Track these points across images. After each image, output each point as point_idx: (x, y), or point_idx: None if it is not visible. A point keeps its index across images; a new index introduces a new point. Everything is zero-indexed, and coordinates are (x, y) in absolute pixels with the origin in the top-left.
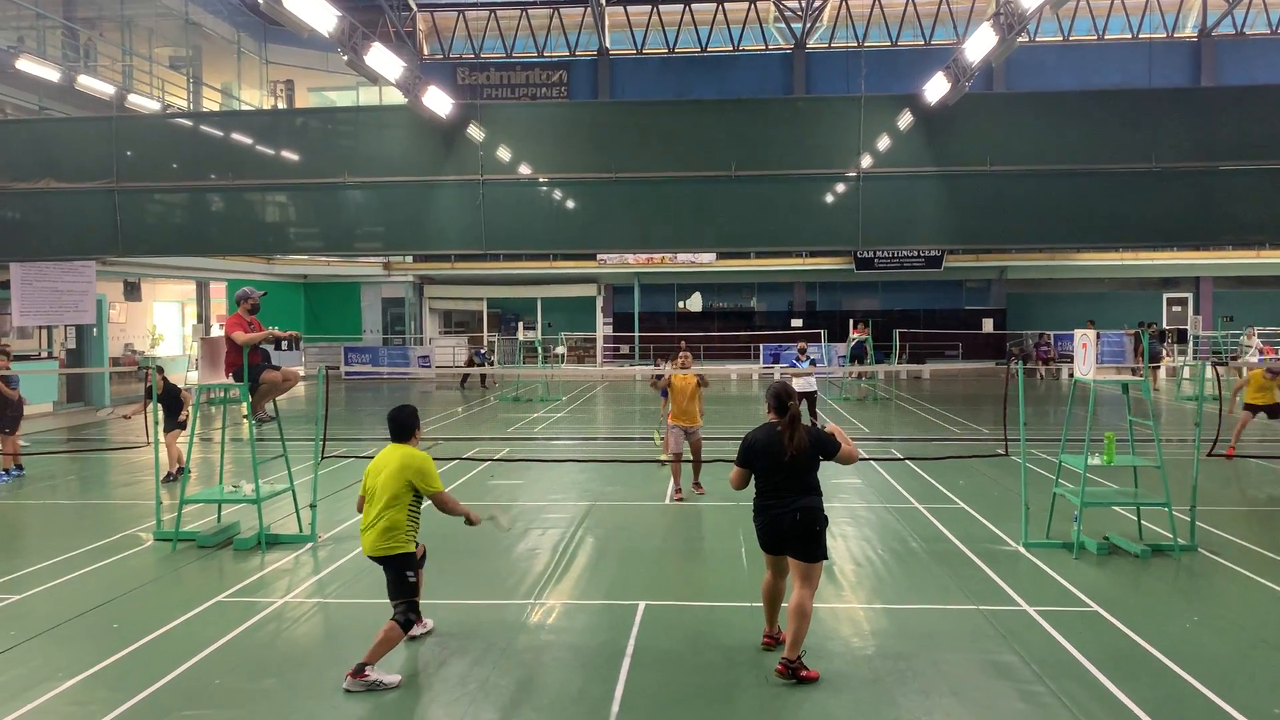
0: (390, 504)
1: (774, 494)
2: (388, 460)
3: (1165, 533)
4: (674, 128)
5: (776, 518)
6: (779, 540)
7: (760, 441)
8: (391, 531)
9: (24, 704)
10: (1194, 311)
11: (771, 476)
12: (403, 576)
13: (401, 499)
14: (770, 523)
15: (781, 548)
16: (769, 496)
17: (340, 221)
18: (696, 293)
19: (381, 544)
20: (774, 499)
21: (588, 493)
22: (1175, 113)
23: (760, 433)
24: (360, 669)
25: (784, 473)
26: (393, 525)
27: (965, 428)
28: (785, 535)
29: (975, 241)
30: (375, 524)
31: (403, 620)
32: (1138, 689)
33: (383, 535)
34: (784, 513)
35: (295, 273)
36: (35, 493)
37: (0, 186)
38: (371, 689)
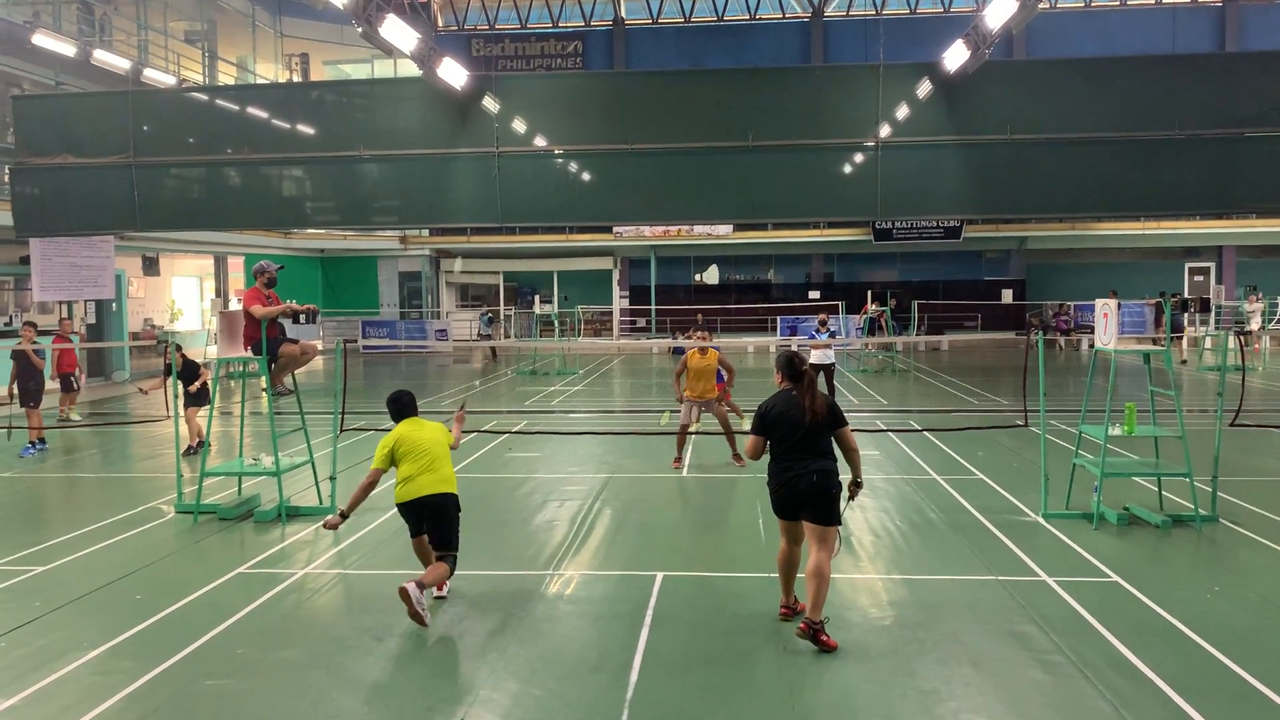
0: (444, 455)
1: (789, 458)
2: (420, 427)
3: (1186, 503)
4: (690, 98)
5: (793, 480)
6: (795, 504)
7: (777, 408)
8: (450, 478)
9: (50, 673)
10: (1216, 281)
11: (787, 442)
12: (456, 523)
13: (449, 454)
14: (787, 486)
15: (797, 512)
16: (785, 460)
17: (356, 195)
18: (713, 265)
19: (447, 485)
20: (790, 463)
21: (605, 465)
22: (1199, 79)
23: (776, 400)
24: (423, 586)
25: (800, 437)
26: (450, 474)
27: (984, 399)
28: (802, 499)
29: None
30: (436, 469)
31: (452, 563)
32: (1158, 659)
33: (445, 479)
34: (800, 475)
35: (312, 247)
36: (58, 466)
37: (19, 162)
38: (418, 604)
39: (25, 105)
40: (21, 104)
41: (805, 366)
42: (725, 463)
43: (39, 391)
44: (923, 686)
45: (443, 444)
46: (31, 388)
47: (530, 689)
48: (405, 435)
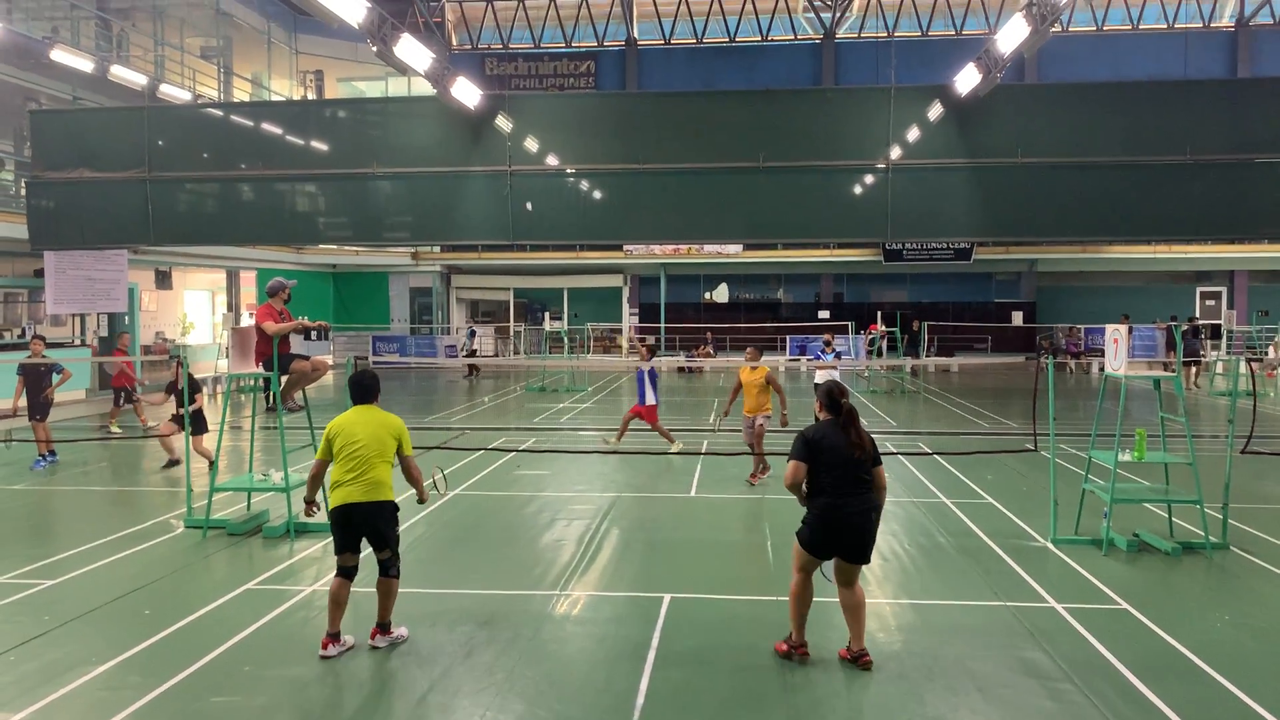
0: (379, 456)
1: (843, 493)
2: (364, 418)
3: (1197, 530)
4: (701, 118)
5: (846, 517)
6: (842, 541)
7: (826, 438)
8: (381, 483)
9: (59, 688)
10: (1228, 306)
11: (834, 474)
12: (393, 528)
13: (387, 453)
14: (841, 522)
15: (836, 549)
16: (832, 495)
17: (369, 212)
18: (723, 284)
19: (375, 493)
20: (839, 498)
21: (613, 484)
22: (1211, 104)
23: (823, 429)
24: (385, 628)
25: (851, 470)
26: (382, 478)
27: (994, 422)
28: (854, 535)
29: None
30: (363, 475)
31: (395, 572)
32: (1168, 689)
33: (374, 485)
34: (854, 512)
35: (324, 262)
36: (68, 479)
37: (35, 175)
38: (395, 644)
39: (42, 120)
40: (39, 119)
41: (845, 399)
42: (743, 480)
43: (46, 407)
44: (930, 713)
45: (383, 441)
46: (40, 401)
47: (536, 710)
48: (344, 427)
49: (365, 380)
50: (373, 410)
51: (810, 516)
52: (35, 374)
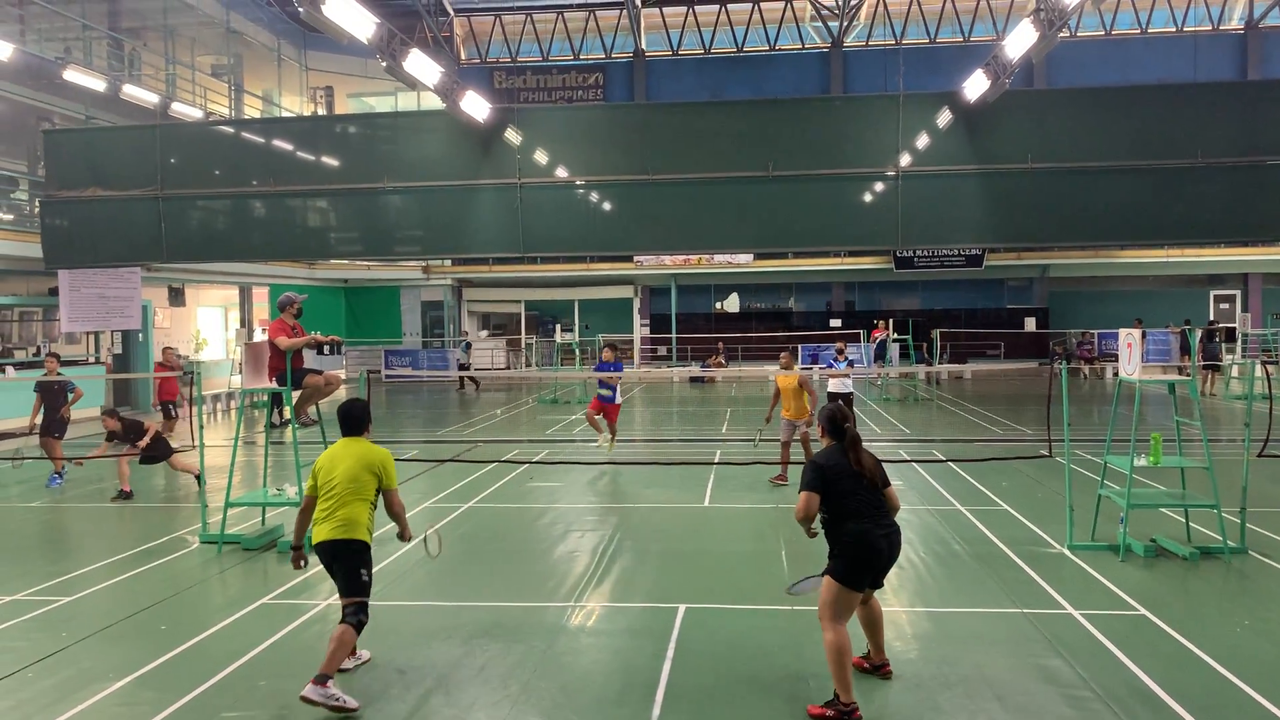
0: (355, 494)
1: (867, 518)
2: (346, 452)
3: (1214, 535)
4: (710, 129)
5: (878, 540)
6: (874, 566)
7: (836, 465)
8: (353, 522)
9: (76, 704)
10: (1242, 309)
11: (851, 501)
12: (358, 570)
13: (365, 491)
14: (874, 546)
15: (870, 577)
16: (863, 520)
17: (380, 226)
18: (734, 293)
19: (341, 531)
20: (870, 523)
21: (627, 495)
22: (1221, 107)
23: (832, 456)
24: (324, 679)
25: (867, 495)
26: (354, 517)
27: (1008, 428)
28: (885, 559)
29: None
30: (334, 512)
31: (355, 621)
32: (1188, 694)
33: (344, 524)
34: (884, 535)
35: (336, 277)
36: (83, 496)
37: (48, 195)
38: (330, 699)
39: (56, 139)
40: (52, 138)
41: (848, 424)
42: (756, 489)
43: (64, 424)
44: None
45: (359, 479)
46: (56, 419)
47: None
48: (325, 464)
49: (354, 411)
50: (358, 444)
51: (842, 548)
52: (52, 392)
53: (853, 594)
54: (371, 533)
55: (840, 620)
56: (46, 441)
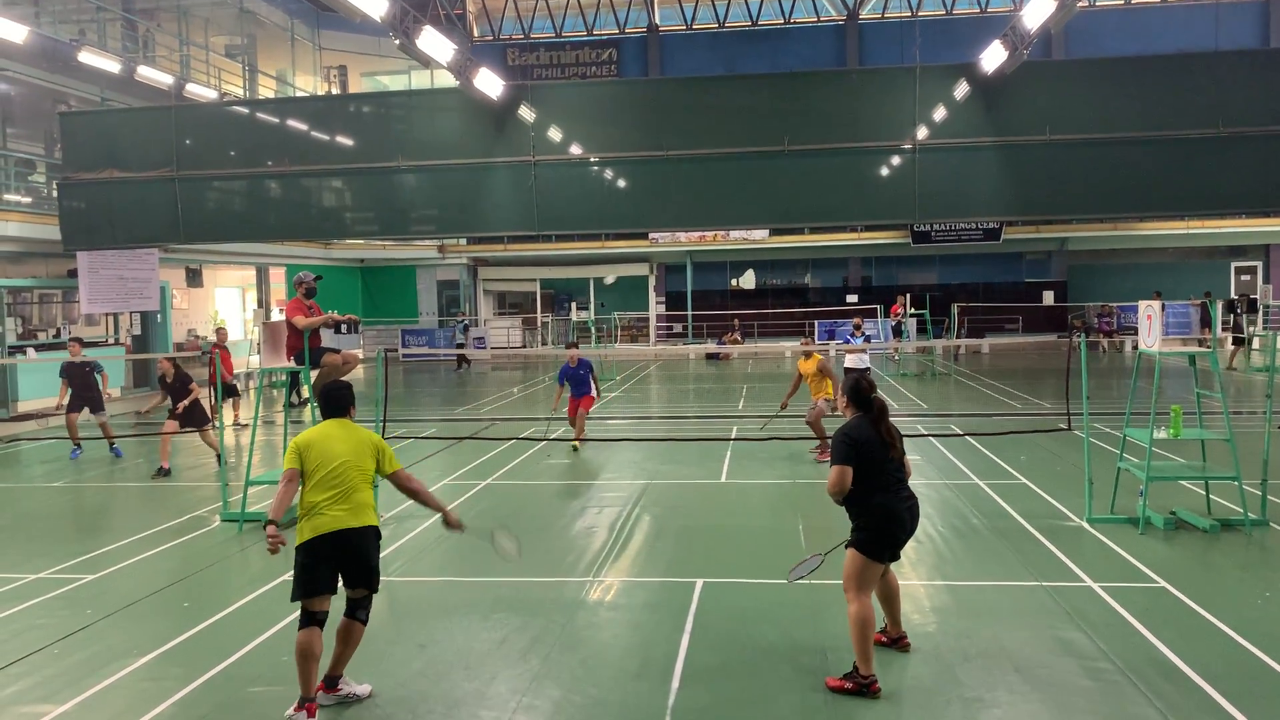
0: (362, 477)
1: (885, 492)
2: (341, 434)
3: (1235, 507)
4: (725, 103)
5: (903, 513)
6: (899, 538)
7: (867, 437)
8: (367, 506)
9: (102, 680)
10: (1264, 280)
11: (878, 473)
12: (377, 557)
13: (369, 474)
14: (899, 519)
15: (894, 549)
16: (880, 494)
17: (395, 205)
18: (750, 270)
19: (366, 517)
20: (889, 496)
21: (644, 471)
22: (1242, 75)
23: (861, 428)
24: (333, 683)
25: (891, 467)
26: (367, 500)
27: (1026, 402)
28: (907, 531)
29: (1035, 213)
30: (347, 497)
31: (365, 617)
32: (1207, 665)
33: (363, 508)
34: (907, 508)
35: (352, 257)
36: (106, 475)
37: (65, 177)
38: (344, 701)
39: (72, 121)
40: (68, 120)
41: (874, 392)
42: (773, 465)
43: (99, 399)
44: (966, 694)
45: (363, 462)
46: (90, 396)
47: (572, 696)
48: (317, 442)
49: (334, 391)
50: (349, 425)
51: (869, 520)
52: (80, 372)
53: (877, 566)
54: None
55: (865, 592)
56: (70, 419)
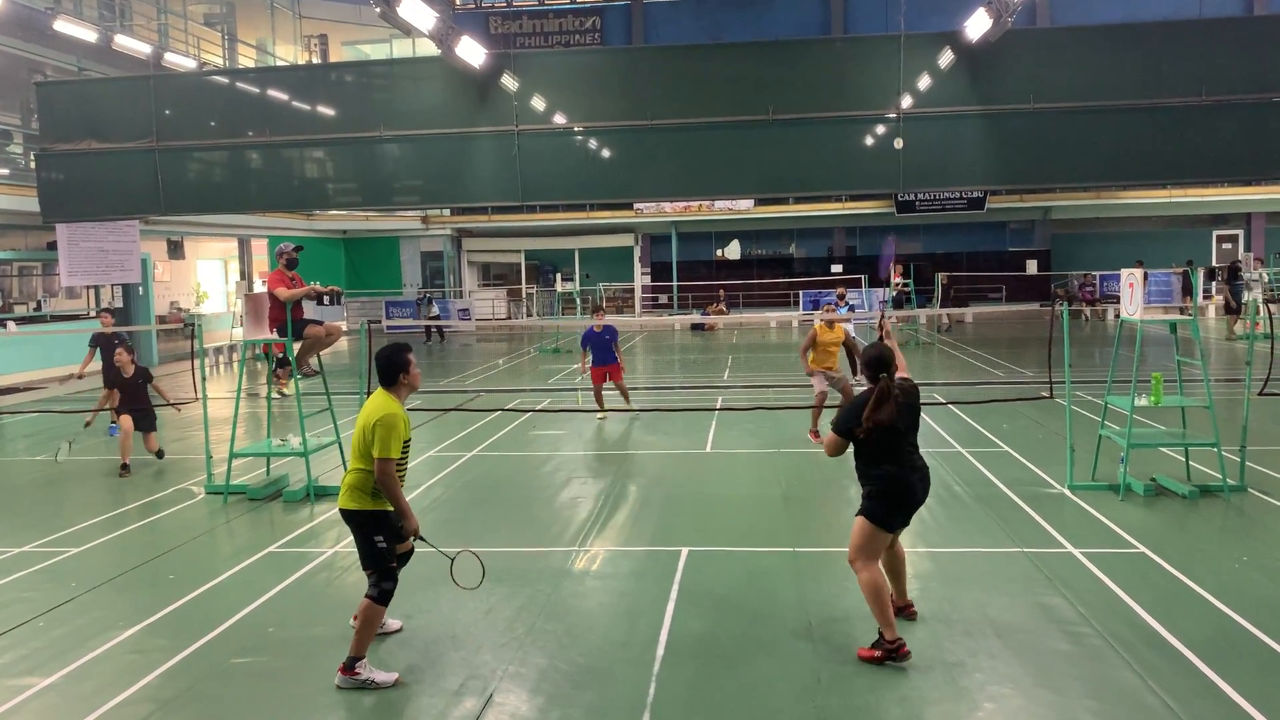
0: (358, 459)
1: (900, 460)
2: (363, 410)
3: (1214, 473)
4: (709, 72)
5: (911, 484)
6: (904, 508)
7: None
8: (357, 489)
9: (88, 652)
10: (1245, 248)
11: (894, 447)
12: (367, 540)
13: (366, 455)
14: (906, 488)
15: (901, 519)
16: (896, 463)
17: (378, 176)
18: (735, 240)
19: (347, 498)
20: (904, 468)
21: (629, 442)
22: (1226, 44)
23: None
24: (351, 664)
25: (902, 440)
26: (355, 482)
27: (1009, 371)
28: (915, 500)
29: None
30: (345, 477)
31: (376, 593)
32: (1185, 629)
33: (348, 491)
34: (921, 478)
35: (335, 228)
36: (88, 449)
37: (43, 148)
38: (362, 687)
39: (49, 91)
40: (45, 90)
41: (884, 373)
42: (758, 435)
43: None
44: (948, 659)
45: (357, 434)
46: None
47: (558, 663)
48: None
49: (381, 355)
50: (373, 399)
51: (877, 488)
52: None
53: (885, 535)
54: (378, 500)
55: (872, 560)
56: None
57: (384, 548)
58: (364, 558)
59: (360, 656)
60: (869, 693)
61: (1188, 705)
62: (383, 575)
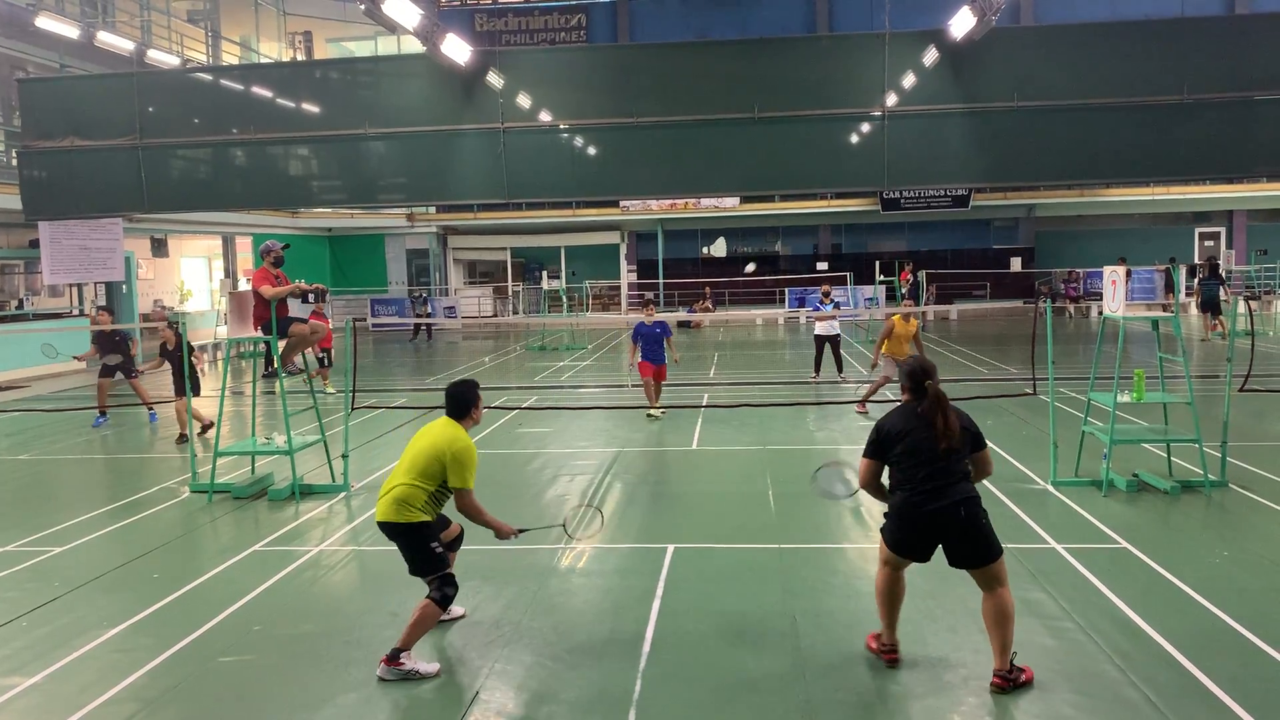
0: (416, 476)
1: (920, 488)
2: (431, 433)
3: (1195, 469)
4: (695, 70)
5: (932, 516)
6: (931, 543)
7: (896, 428)
8: (405, 502)
9: (71, 651)
10: (1227, 246)
11: (916, 470)
12: (422, 550)
13: (430, 476)
14: (923, 520)
15: (921, 551)
16: (913, 491)
17: (362, 173)
18: (720, 238)
19: (393, 511)
20: (922, 496)
21: (615, 439)
22: (1208, 42)
23: (896, 419)
24: (395, 655)
25: (934, 463)
26: (408, 497)
27: (993, 368)
28: (946, 537)
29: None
30: (391, 490)
31: (439, 596)
32: (1166, 623)
33: (395, 504)
34: (941, 509)
35: (319, 226)
36: (73, 448)
37: (25, 145)
38: (406, 678)
39: (31, 88)
40: (27, 87)
41: (930, 380)
42: (744, 432)
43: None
44: (932, 654)
45: (426, 464)
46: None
47: (544, 660)
48: (418, 433)
49: (457, 391)
50: (447, 426)
51: (891, 511)
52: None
53: (898, 557)
54: (429, 509)
55: (887, 564)
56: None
57: (440, 552)
58: (418, 566)
59: (406, 649)
60: (854, 687)
61: (1168, 699)
62: (444, 580)
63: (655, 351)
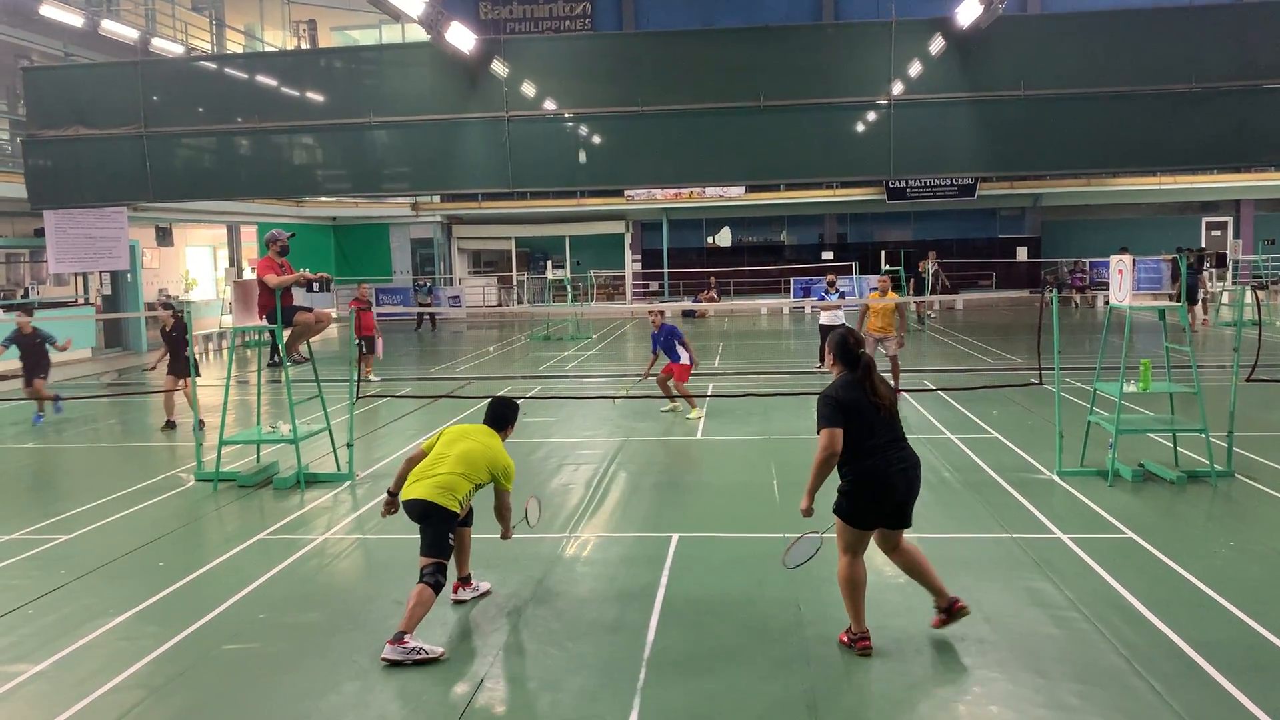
0: (465, 473)
1: (882, 453)
2: (478, 438)
3: (1202, 459)
4: (701, 58)
5: (893, 477)
6: (886, 505)
7: (849, 397)
8: (451, 490)
9: (77, 639)
10: (1234, 235)
11: (873, 436)
12: (444, 534)
13: (477, 475)
14: (887, 483)
15: (880, 517)
16: (867, 458)
17: (367, 162)
18: (725, 227)
19: (437, 494)
20: (877, 459)
21: (620, 429)
22: (1216, 31)
23: (843, 389)
24: (399, 635)
25: (887, 426)
26: (453, 486)
27: (999, 358)
28: (899, 495)
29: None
30: (435, 476)
31: (432, 582)
32: (1172, 614)
33: (441, 489)
34: (899, 471)
35: (324, 215)
36: (78, 436)
37: (30, 134)
38: (411, 655)
39: (36, 77)
40: (32, 76)
41: (861, 348)
42: (749, 421)
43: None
44: (937, 642)
45: (477, 466)
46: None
47: (548, 649)
48: (452, 435)
49: (501, 406)
50: (491, 435)
51: (851, 485)
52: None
53: (862, 532)
54: (463, 508)
55: (851, 553)
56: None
57: (451, 543)
58: (431, 547)
59: (409, 631)
60: (858, 676)
61: (1174, 688)
62: (439, 568)
63: (670, 355)
